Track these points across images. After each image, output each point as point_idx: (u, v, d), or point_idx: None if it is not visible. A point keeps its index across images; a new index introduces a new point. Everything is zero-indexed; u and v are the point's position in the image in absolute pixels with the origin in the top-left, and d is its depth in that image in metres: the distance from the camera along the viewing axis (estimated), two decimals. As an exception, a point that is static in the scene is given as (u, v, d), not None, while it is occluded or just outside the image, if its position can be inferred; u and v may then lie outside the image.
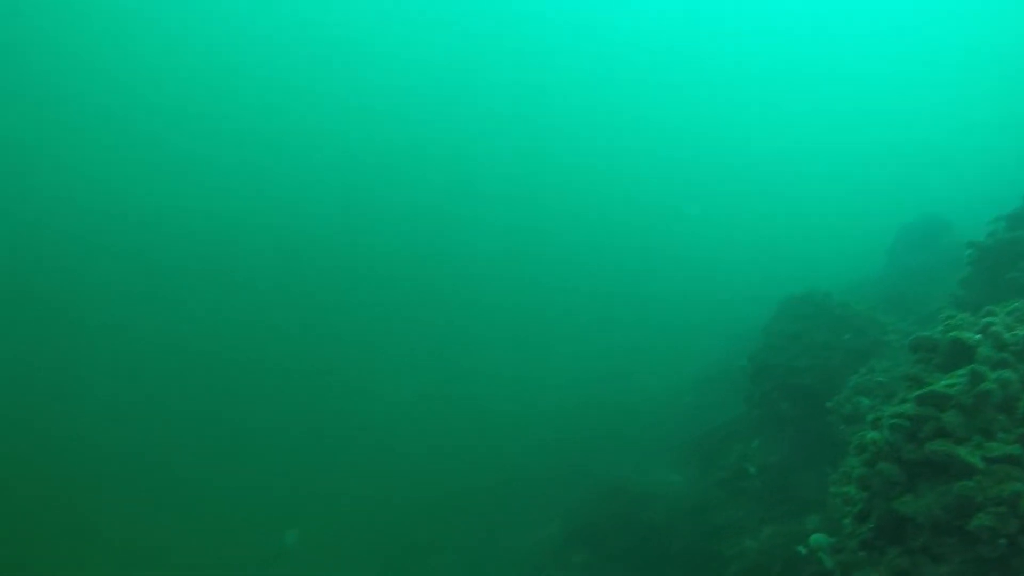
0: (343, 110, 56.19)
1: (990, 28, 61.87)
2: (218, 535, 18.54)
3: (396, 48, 61.32)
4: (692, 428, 17.38)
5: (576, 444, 21.41)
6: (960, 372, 6.25)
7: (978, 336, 6.55)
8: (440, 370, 29.17)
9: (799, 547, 10.86)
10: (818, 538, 10.18)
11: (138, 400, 26.26)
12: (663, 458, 17.57)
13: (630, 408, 23.16)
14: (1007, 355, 6.11)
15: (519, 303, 36.31)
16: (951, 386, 6.14)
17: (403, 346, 31.69)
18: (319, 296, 36.97)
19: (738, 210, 48.30)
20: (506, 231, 45.86)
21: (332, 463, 22.59)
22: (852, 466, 8.94)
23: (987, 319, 6.74)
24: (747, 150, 60.12)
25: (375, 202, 47.71)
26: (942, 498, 5.61)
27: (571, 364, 28.52)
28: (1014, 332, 6.33)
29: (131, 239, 38.73)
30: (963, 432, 5.79)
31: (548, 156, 57.11)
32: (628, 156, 58.64)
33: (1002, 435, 5.64)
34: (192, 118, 50.10)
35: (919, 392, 6.35)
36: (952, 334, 6.75)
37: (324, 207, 45.98)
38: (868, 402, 11.54)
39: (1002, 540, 5.19)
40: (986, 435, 5.71)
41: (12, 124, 41.06)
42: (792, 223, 43.69)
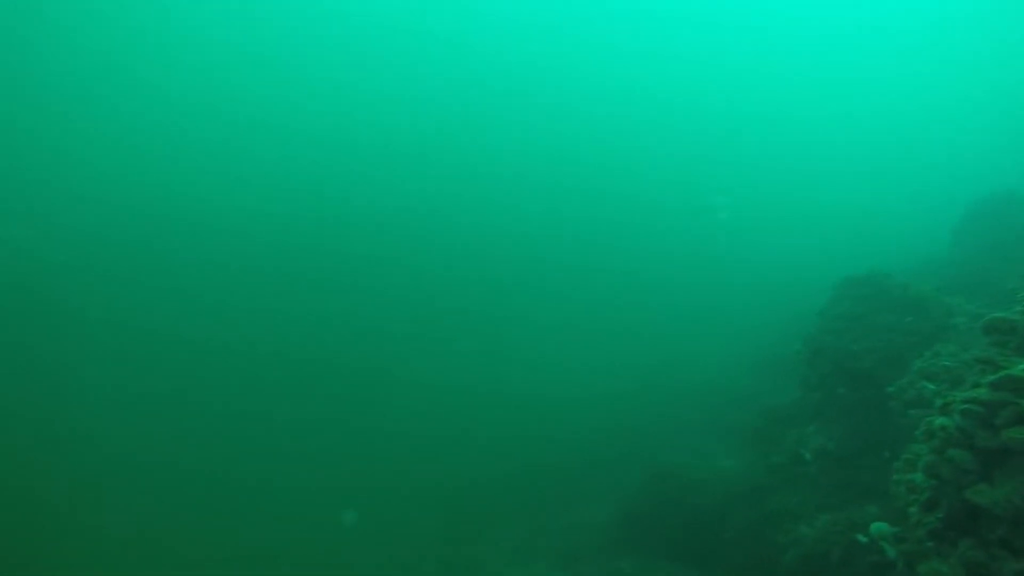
0: (361, 98, 55.71)
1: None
2: (246, 531, 18.21)
3: (419, 40, 60.59)
4: (747, 413, 17.01)
5: (630, 429, 21.26)
6: (1041, 355, 5.91)
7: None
8: (488, 358, 29.03)
9: (859, 535, 10.58)
10: (880, 526, 9.87)
11: (159, 396, 25.95)
12: (717, 443, 17.34)
13: (684, 392, 22.83)
14: (1094, 337, 5.74)
15: (569, 290, 35.91)
16: (1031, 370, 5.80)
17: (445, 335, 31.49)
18: (349, 286, 36.56)
19: (793, 193, 46.79)
20: (553, 218, 45.22)
21: (372, 453, 22.63)
22: (918, 453, 8.60)
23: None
24: (800, 128, 58.08)
25: (401, 187, 47.36)
26: (1023, 488, 5.32)
27: (625, 350, 28.21)
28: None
29: (147, 232, 38.77)
30: (1044, 419, 5.47)
31: (591, 140, 56.12)
32: (673, 139, 57.27)
33: (1088, 422, 5.31)
34: (201, 109, 50.21)
35: (994, 376, 6.02)
36: (1032, 315, 6.38)
37: (346, 194, 45.57)
38: (933, 387, 11.06)
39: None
40: (1070, 422, 5.39)
41: (17, 116, 41.59)
42: (849, 204, 42.12)
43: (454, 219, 44.11)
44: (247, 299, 34.55)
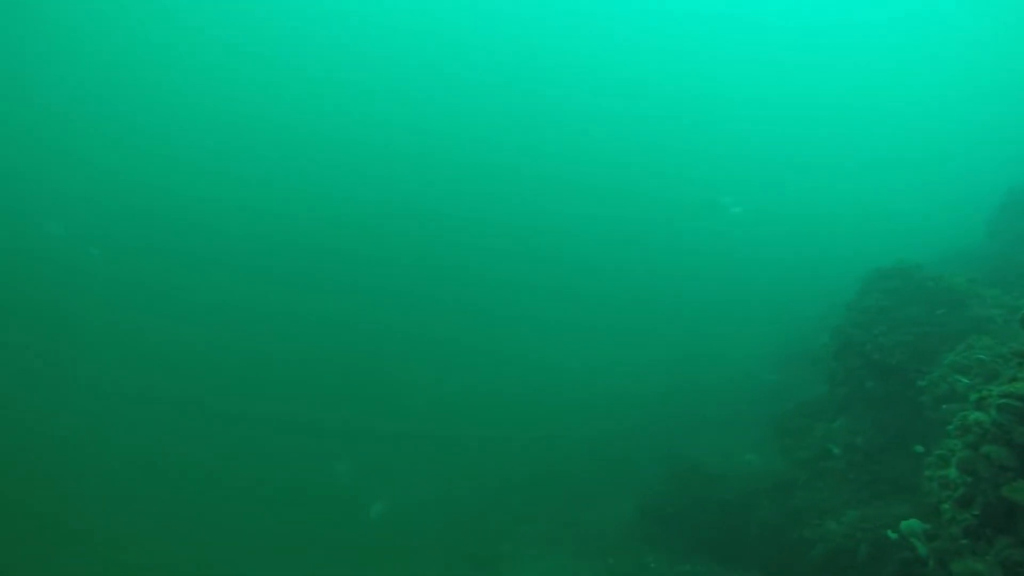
0: (372, 97, 55.17)
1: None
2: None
3: (422, 39, 60.11)
4: (773, 407, 16.78)
5: (654, 424, 21.09)
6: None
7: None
8: (509, 359, 28.68)
9: (888, 532, 10.36)
10: (910, 523, 9.66)
11: (167, 401, 25.27)
12: (742, 438, 17.13)
13: (708, 388, 22.60)
14: None
15: (589, 289, 35.48)
16: (1073, 364, 5.61)
17: (464, 337, 30.96)
18: (354, 286, 35.70)
19: (821, 186, 45.89)
20: (572, 217, 44.47)
21: (395, 454, 22.59)
22: (952, 448, 8.38)
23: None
24: (826, 122, 56.92)
25: (418, 187, 46.55)
26: (1063, 485, 5.15)
27: (648, 347, 27.91)
28: None
29: (144, 231, 38.05)
30: (1087, 414, 5.28)
31: (607, 137, 55.21)
32: (695, 135, 56.31)
33: None
34: (201, 109, 50.07)
35: (1034, 370, 5.84)
36: (1073, 307, 6.16)
37: (360, 195, 44.58)
38: (967, 381, 10.79)
39: None
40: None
41: (18, 118, 41.59)
42: (877, 195, 41.26)
43: (471, 218, 43.50)
44: (249, 300, 33.89)
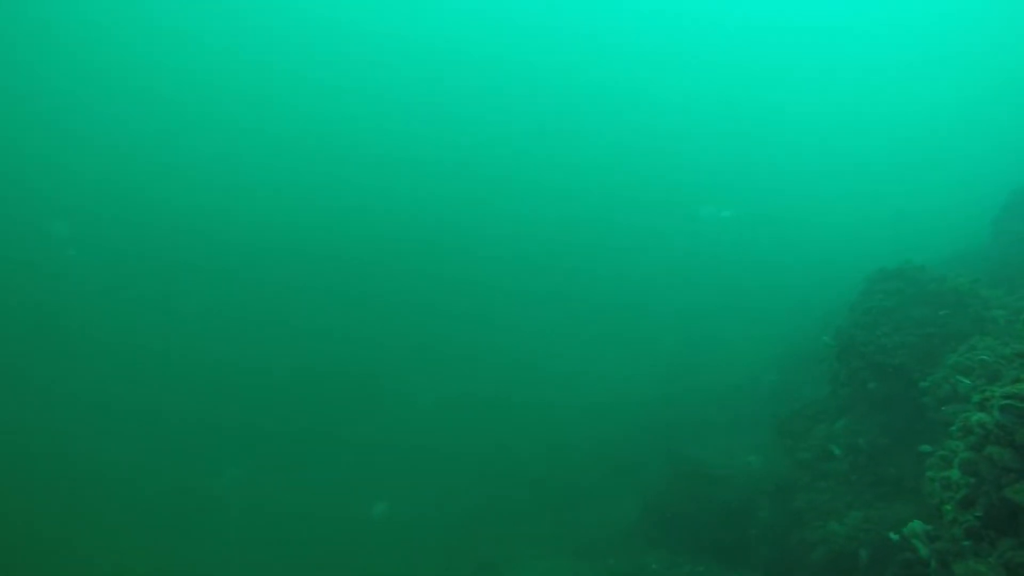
0: (354, 106, 54.74)
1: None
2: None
3: (412, 44, 59.69)
4: (774, 408, 16.73)
5: (656, 426, 21.05)
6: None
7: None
8: (507, 363, 28.49)
9: (890, 533, 10.32)
10: (912, 524, 9.64)
11: (152, 411, 24.96)
12: (744, 439, 17.09)
13: (709, 389, 22.54)
14: None
15: (589, 294, 35.25)
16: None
17: (457, 344, 30.58)
18: (338, 296, 35.27)
19: (821, 187, 45.73)
20: (569, 225, 43.86)
21: (399, 456, 22.57)
22: (954, 449, 8.35)
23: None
24: (827, 126, 56.72)
25: (411, 194, 45.67)
26: (1066, 486, 5.11)
27: (650, 349, 27.84)
28: None
29: (142, 242, 37.72)
30: (1090, 415, 5.24)
31: (606, 145, 54.87)
32: (700, 138, 56.01)
33: None
34: (199, 117, 49.74)
35: (1037, 371, 5.81)
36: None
37: (352, 202, 44.07)
38: (969, 382, 10.73)
39: None
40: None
41: (12, 125, 41.34)
42: (882, 198, 41.11)
43: (468, 225, 42.90)
44: (239, 307, 33.55)
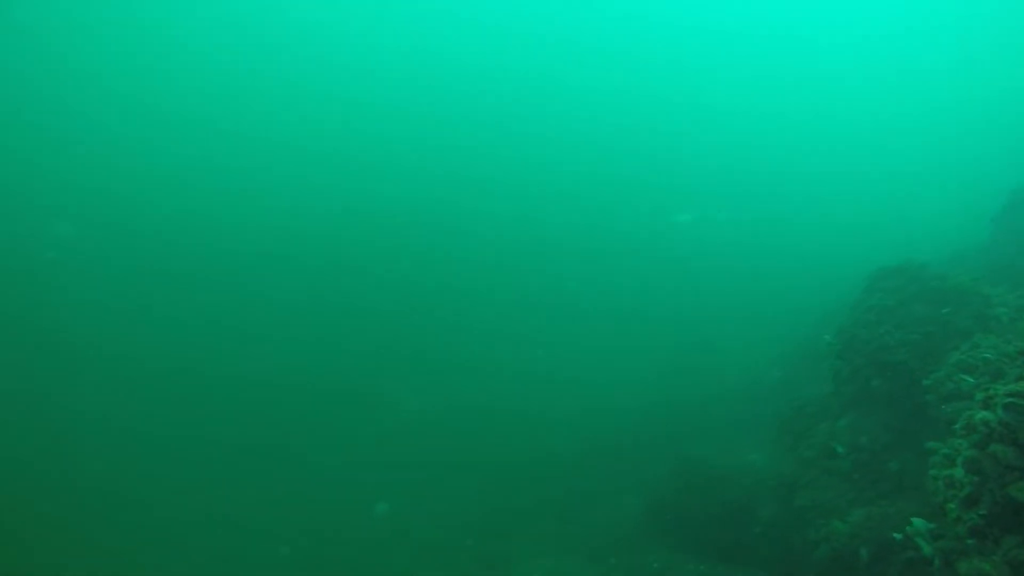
0: (345, 111, 54.28)
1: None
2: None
3: (401, 49, 59.22)
4: (776, 407, 16.72)
5: (660, 423, 21.03)
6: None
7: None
8: (511, 372, 28.42)
9: (893, 532, 10.32)
10: (916, 522, 9.63)
11: (135, 422, 24.44)
12: (746, 437, 17.08)
13: (711, 387, 22.53)
14: None
15: (592, 294, 35.04)
16: (1080, 362, 5.56)
17: (456, 352, 30.32)
18: (325, 305, 34.74)
19: (821, 189, 45.64)
20: (566, 229, 43.37)
21: (404, 450, 22.55)
22: (957, 447, 8.34)
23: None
24: (826, 127, 56.61)
25: (397, 201, 44.86)
26: (1070, 484, 5.11)
27: (653, 347, 27.81)
28: None
29: (128, 247, 37.22)
30: (1094, 413, 5.24)
31: (604, 150, 54.45)
32: (705, 140, 55.73)
33: None
34: (191, 121, 49.17)
35: (1041, 369, 5.80)
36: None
37: (328, 210, 43.18)
38: (973, 380, 10.72)
39: None
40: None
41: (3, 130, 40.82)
42: (882, 200, 41.06)
43: (464, 231, 42.22)
44: (241, 320, 32.81)
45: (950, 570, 7.94)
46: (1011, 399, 5.86)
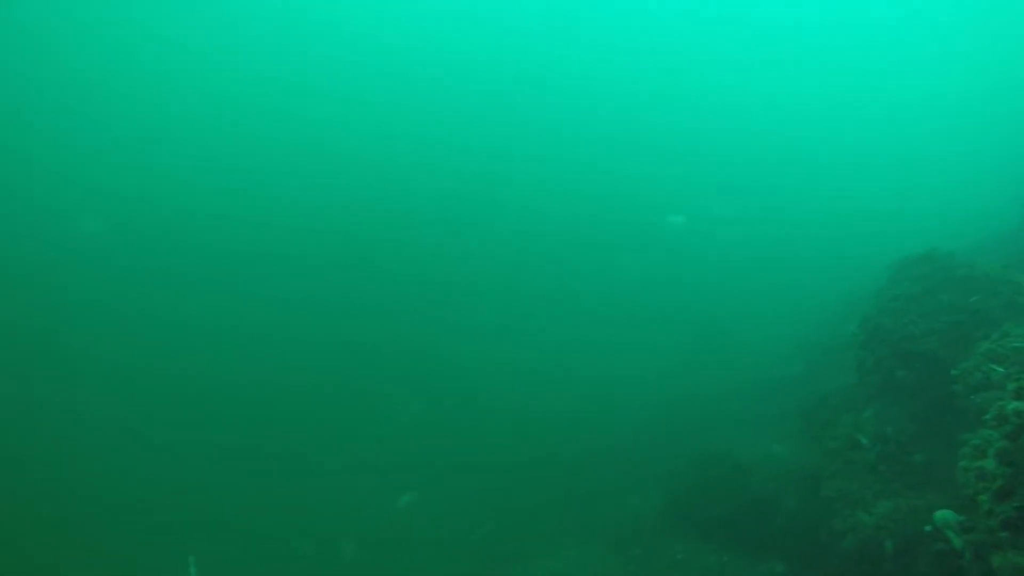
0: (346, 109, 52.82)
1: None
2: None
3: (404, 44, 58.53)
4: (799, 398, 16.56)
5: (679, 415, 20.90)
6: None
7: None
8: (511, 373, 28.18)
9: (924, 525, 10.20)
10: (945, 514, 9.51)
11: (133, 423, 23.86)
12: (768, 428, 16.96)
13: (733, 378, 22.32)
14: None
15: (608, 280, 34.74)
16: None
17: (459, 353, 29.98)
18: (330, 303, 33.78)
19: (843, 180, 44.89)
20: (573, 224, 42.60)
21: (424, 436, 22.62)
22: (988, 439, 8.21)
23: None
24: (851, 117, 55.62)
25: (397, 197, 43.40)
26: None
27: (671, 336, 27.58)
28: None
29: (123, 247, 36.00)
30: None
31: (607, 143, 53.82)
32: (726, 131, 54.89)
33: None
34: (190, 121, 48.06)
35: (1077, 358, 5.66)
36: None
37: (326, 206, 41.77)
38: (1003, 370, 10.53)
39: None
40: None
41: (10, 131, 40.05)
42: (904, 186, 40.35)
43: (477, 231, 41.80)
44: (234, 320, 31.96)
45: (982, 563, 7.84)
46: (1046, 389, 5.73)
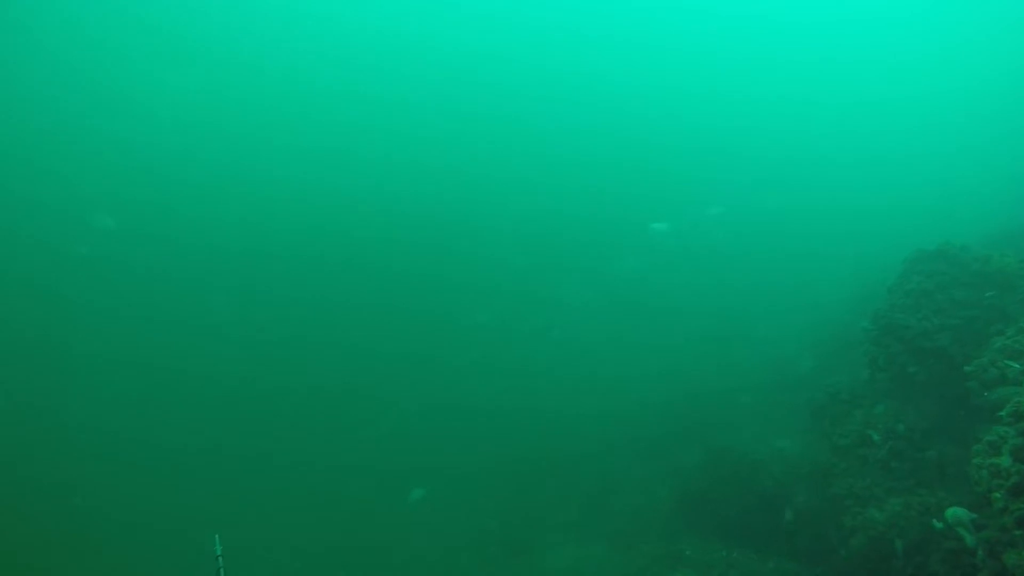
0: (340, 105, 52.75)
1: None
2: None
3: (409, 42, 58.19)
4: (808, 394, 16.42)
5: (687, 411, 20.80)
6: None
7: None
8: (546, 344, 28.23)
9: (934, 521, 10.08)
10: (957, 512, 9.41)
11: (126, 425, 23.58)
12: (778, 424, 16.81)
13: (743, 374, 22.16)
14: None
15: (616, 276, 34.54)
16: None
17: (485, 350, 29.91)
18: (319, 304, 33.77)
19: (852, 176, 44.42)
20: (583, 223, 42.31)
21: (432, 433, 22.63)
22: (1003, 435, 8.11)
23: None
24: (860, 113, 55.01)
25: (409, 199, 43.23)
26: None
27: (680, 332, 27.42)
28: None
29: (126, 248, 35.99)
30: None
31: (615, 141, 53.45)
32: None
33: None
34: (187, 120, 47.65)
35: (1096, 353, 5.55)
36: None
37: (321, 205, 41.55)
38: (1018, 366, 10.39)
39: None
40: None
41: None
42: (917, 175, 39.90)
43: (483, 230, 41.31)
44: (223, 320, 31.66)
45: (995, 561, 7.74)
46: (1063, 385, 5.63)
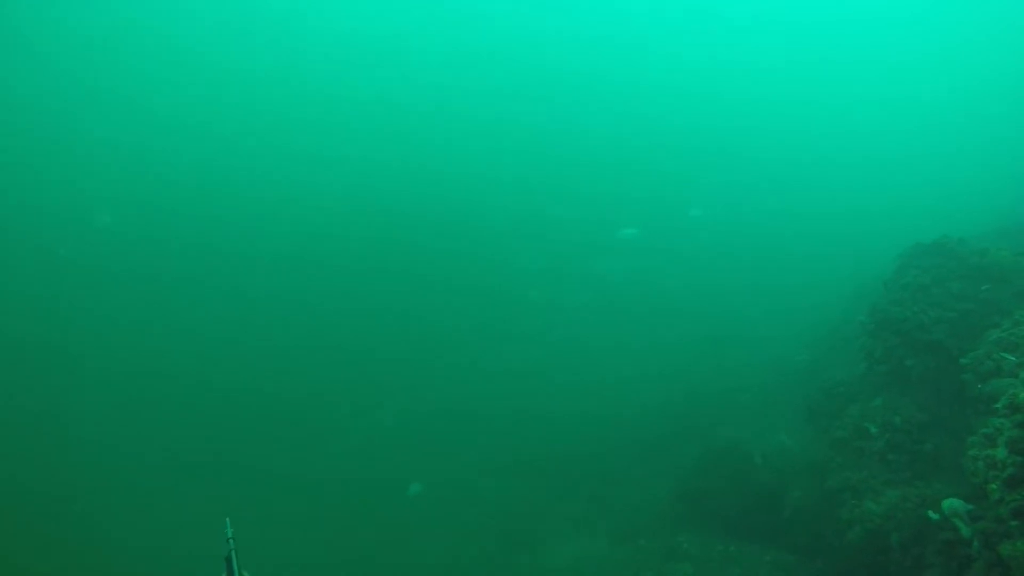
0: (342, 108, 52.97)
1: None
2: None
3: (410, 44, 57.96)
4: (805, 388, 16.49)
5: (686, 406, 20.88)
6: None
7: None
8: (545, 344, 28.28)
9: (930, 512, 10.15)
10: (953, 503, 9.47)
11: (117, 431, 23.30)
12: (775, 419, 16.87)
13: (740, 369, 22.22)
14: None
15: (617, 275, 34.48)
16: None
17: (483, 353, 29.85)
18: (314, 305, 33.45)
19: (850, 176, 44.47)
20: (583, 226, 42.19)
21: (435, 430, 22.75)
22: (999, 427, 8.15)
23: None
24: (858, 112, 55.00)
25: (409, 200, 42.80)
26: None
27: (678, 329, 27.47)
28: None
29: (124, 249, 35.87)
30: None
31: (619, 143, 53.27)
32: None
33: None
34: (187, 120, 47.72)
35: (1090, 345, 5.58)
36: None
37: (320, 208, 41.48)
38: (1015, 359, 10.44)
39: None
40: None
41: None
42: (912, 171, 39.97)
43: (483, 233, 41.08)
44: (227, 325, 31.62)
45: (990, 552, 7.79)
46: (1058, 377, 5.66)
